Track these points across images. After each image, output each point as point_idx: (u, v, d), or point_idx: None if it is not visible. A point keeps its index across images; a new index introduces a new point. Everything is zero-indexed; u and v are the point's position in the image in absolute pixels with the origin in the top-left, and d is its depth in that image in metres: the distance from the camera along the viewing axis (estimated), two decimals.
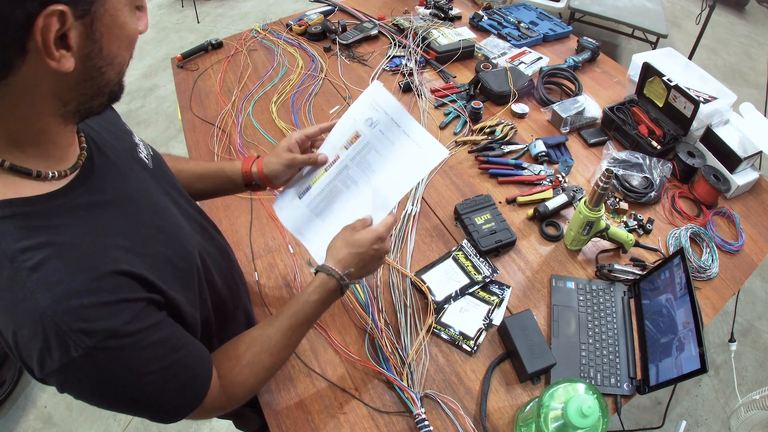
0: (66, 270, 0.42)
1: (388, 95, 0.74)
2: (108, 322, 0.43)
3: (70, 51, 0.39)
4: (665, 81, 1.19)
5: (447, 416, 0.79)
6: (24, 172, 0.43)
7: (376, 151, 0.75)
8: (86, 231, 0.46)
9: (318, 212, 0.79)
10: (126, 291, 0.46)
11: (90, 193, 0.49)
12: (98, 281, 0.44)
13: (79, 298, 0.42)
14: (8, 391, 1.72)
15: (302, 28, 1.68)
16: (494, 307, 0.94)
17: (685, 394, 1.76)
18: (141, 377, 0.48)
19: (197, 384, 0.55)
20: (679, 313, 0.82)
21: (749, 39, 3.74)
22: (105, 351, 0.43)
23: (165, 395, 0.51)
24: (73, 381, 0.45)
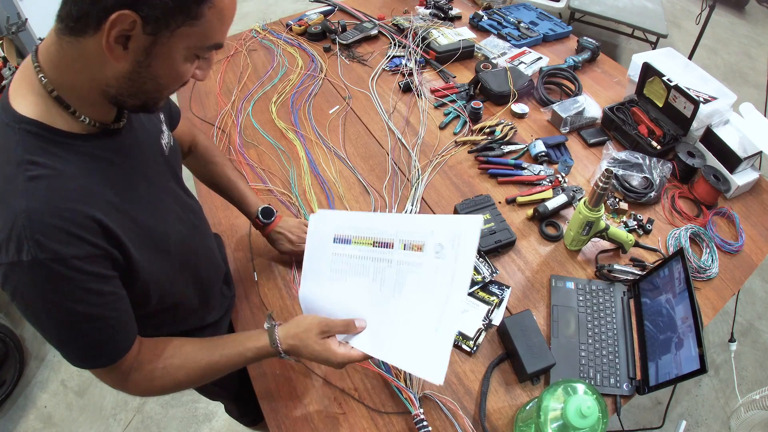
0: (54, 192, 0.50)
1: (473, 247, 0.61)
2: (62, 248, 0.49)
3: (126, 51, 0.48)
4: (665, 81, 1.19)
5: (446, 417, 0.79)
6: (65, 105, 0.52)
7: (416, 286, 0.65)
8: (86, 174, 0.54)
9: (334, 270, 0.73)
10: (90, 233, 0.52)
11: (105, 150, 0.57)
12: (72, 213, 0.50)
13: (51, 217, 0.49)
14: (8, 391, 1.72)
15: (302, 28, 1.68)
16: (494, 307, 0.93)
17: (685, 394, 1.76)
18: (68, 312, 0.53)
19: (111, 348, 0.59)
20: (679, 313, 0.82)
21: (749, 39, 3.73)
22: (47, 269, 0.49)
23: (79, 340, 0.56)
24: (12, 281, 0.50)
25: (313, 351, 0.67)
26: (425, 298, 0.64)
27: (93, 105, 0.54)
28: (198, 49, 0.53)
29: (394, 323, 0.66)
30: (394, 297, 0.67)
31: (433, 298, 0.63)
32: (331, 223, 0.74)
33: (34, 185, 0.49)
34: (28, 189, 0.49)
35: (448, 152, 1.26)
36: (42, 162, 0.50)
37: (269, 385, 0.84)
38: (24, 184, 0.49)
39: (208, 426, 1.68)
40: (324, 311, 0.72)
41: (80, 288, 0.52)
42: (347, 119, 1.37)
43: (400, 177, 1.20)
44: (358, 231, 0.71)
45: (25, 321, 2.01)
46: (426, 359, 0.62)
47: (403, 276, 0.66)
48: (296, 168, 1.22)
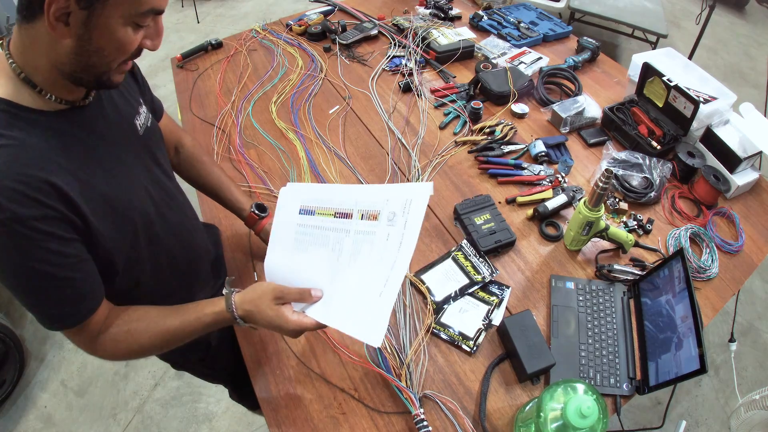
0: (14, 160, 0.53)
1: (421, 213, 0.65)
2: (19, 209, 0.52)
3: (68, 27, 0.52)
4: (665, 81, 1.19)
5: (446, 417, 0.79)
6: (32, 84, 0.57)
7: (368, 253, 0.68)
8: (47, 145, 0.57)
9: (298, 241, 0.75)
10: (46, 196, 0.55)
11: (68, 125, 0.61)
12: (30, 177, 0.53)
13: (10, 181, 0.52)
14: (8, 391, 1.72)
15: (302, 28, 1.68)
16: (494, 307, 0.93)
17: (685, 394, 1.76)
18: (31, 273, 0.56)
19: (78, 309, 0.62)
20: (679, 313, 0.82)
21: (749, 39, 3.74)
22: (7, 229, 0.52)
23: (47, 301, 0.60)
24: None
25: (267, 316, 0.68)
26: (375, 265, 0.67)
27: (57, 84, 0.58)
28: (135, 16, 0.54)
29: (346, 290, 0.69)
30: (348, 266, 0.69)
31: (382, 264, 0.66)
32: (298, 196, 0.77)
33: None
34: None
35: (448, 152, 1.26)
36: (6, 134, 0.54)
37: (269, 385, 0.84)
38: None
39: (208, 426, 1.68)
40: (285, 281, 0.72)
41: (41, 248, 0.55)
42: (347, 119, 1.37)
43: (400, 177, 1.19)
44: (322, 203, 0.74)
45: (26, 321, 2.03)
46: (366, 323, 0.65)
47: (359, 246, 0.69)
48: (296, 168, 1.22)
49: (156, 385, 1.78)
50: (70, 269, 0.59)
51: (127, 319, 0.69)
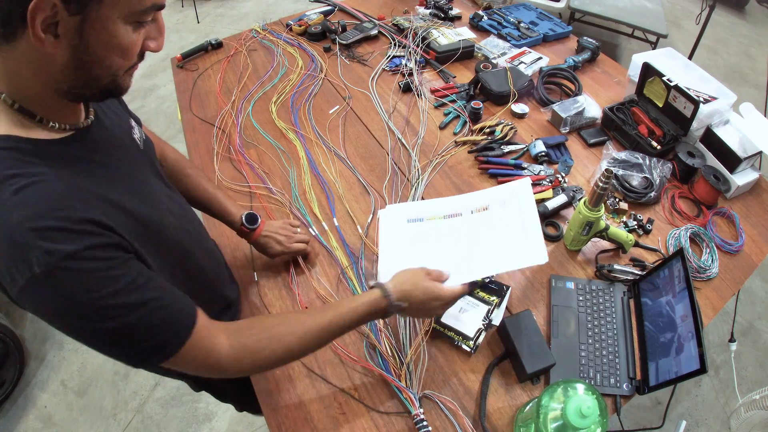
0: (43, 197, 0.47)
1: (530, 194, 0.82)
2: (69, 245, 0.46)
3: (57, 38, 0.45)
4: (665, 81, 1.19)
5: (446, 417, 0.79)
6: (30, 114, 0.50)
7: (491, 227, 0.81)
8: (71, 175, 0.51)
9: (413, 243, 0.83)
10: (90, 226, 0.49)
11: (83, 150, 0.55)
12: (69, 211, 0.48)
13: (48, 220, 0.46)
14: (8, 391, 1.72)
15: (302, 28, 1.68)
16: (494, 307, 0.93)
17: (685, 394, 1.76)
18: (104, 307, 0.49)
19: (172, 330, 0.55)
20: (679, 313, 0.82)
21: (749, 39, 3.73)
22: (65, 271, 0.46)
23: (133, 335, 0.52)
24: (37, 299, 0.47)
25: (424, 289, 0.71)
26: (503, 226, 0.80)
27: (55, 108, 0.52)
28: (135, 14, 0.48)
29: (482, 251, 0.79)
30: (474, 242, 0.80)
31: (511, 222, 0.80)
32: (400, 213, 0.87)
33: (20, 196, 0.46)
34: (17, 201, 0.46)
35: (448, 152, 1.26)
36: (23, 173, 0.47)
37: (269, 385, 0.84)
38: (11, 198, 0.46)
39: (208, 426, 1.68)
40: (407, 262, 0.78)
41: (106, 277, 0.49)
42: (347, 119, 1.37)
43: (400, 177, 1.20)
44: (427, 212, 0.86)
45: (26, 321, 2.02)
46: (527, 250, 0.76)
47: (477, 227, 0.82)
48: (296, 168, 1.22)
49: (156, 385, 1.78)
50: (143, 291, 0.52)
51: (262, 328, 0.65)
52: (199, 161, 1.24)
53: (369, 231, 1.07)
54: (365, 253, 1.02)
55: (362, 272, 0.99)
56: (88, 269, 0.48)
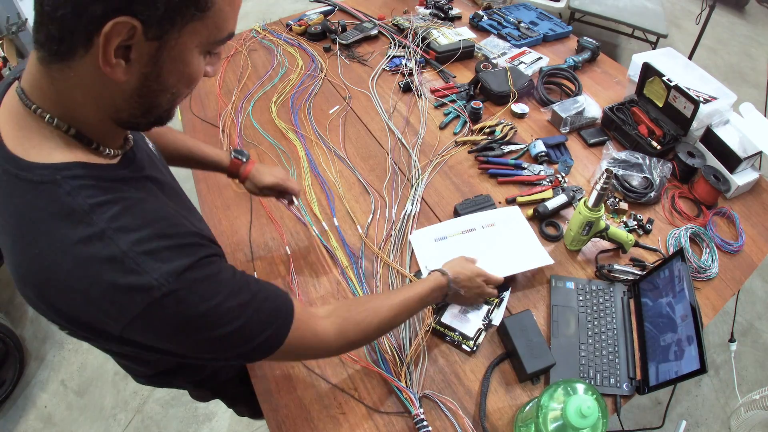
0: (142, 219, 0.45)
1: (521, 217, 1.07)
2: (186, 260, 0.46)
3: (128, 63, 0.41)
4: (665, 81, 1.19)
5: (446, 417, 0.79)
6: (86, 142, 0.46)
7: (501, 237, 1.03)
8: (147, 195, 0.49)
9: (443, 256, 0.96)
10: (196, 237, 0.49)
11: (135, 171, 0.52)
12: (173, 227, 0.47)
13: (159, 239, 0.45)
14: (8, 391, 1.72)
15: (302, 28, 1.68)
16: (494, 307, 0.93)
17: (685, 394, 1.76)
18: (224, 312, 0.49)
19: (281, 314, 0.56)
20: (679, 313, 0.82)
21: (749, 39, 3.73)
22: (185, 289, 0.45)
23: (252, 329, 0.52)
24: (155, 323, 0.45)
25: (472, 270, 0.85)
26: (511, 237, 1.03)
27: (108, 134, 0.49)
28: (211, 44, 0.46)
29: (499, 258, 0.97)
30: (491, 250, 1.00)
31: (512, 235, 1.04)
32: (427, 235, 1.04)
33: (118, 222, 0.43)
34: (116, 228, 0.43)
35: (448, 152, 1.26)
36: (110, 199, 0.44)
37: (269, 385, 0.84)
38: (108, 226, 0.43)
39: (208, 426, 1.68)
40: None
41: (219, 282, 0.49)
42: (347, 119, 1.37)
43: (400, 177, 1.20)
44: (449, 231, 1.04)
45: (26, 321, 2.02)
46: (533, 256, 0.99)
47: (490, 238, 1.03)
48: (296, 168, 1.22)
49: None
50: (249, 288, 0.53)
51: (355, 303, 0.72)
52: None
53: (369, 231, 1.07)
54: (365, 253, 1.02)
55: (362, 272, 0.99)
56: (204, 279, 0.47)
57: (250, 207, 1.13)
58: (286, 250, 1.04)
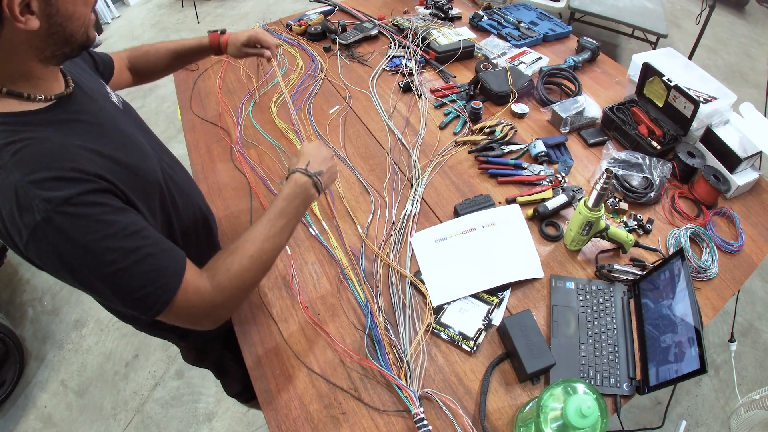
0: (38, 155, 0.53)
1: (520, 216, 1.07)
2: (65, 191, 0.52)
3: (33, 15, 0.52)
4: (665, 81, 1.19)
5: (446, 416, 0.79)
6: (17, 94, 0.57)
7: (501, 239, 1.03)
8: (60, 135, 0.57)
9: (444, 255, 1.00)
10: (84, 174, 0.54)
11: (67, 113, 0.61)
12: (61, 163, 0.54)
13: (44, 172, 0.52)
14: (8, 391, 1.72)
15: (302, 28, 1.68)
16: (494, 307, 0.93)
17: (685, 394, 1.76)
18: (102, 251, 0.54)
19: (167, 273, 0.60)
20: (679, 313, 0.82)
21: (749, 39, 3.73)
22: (63, 216, 0.52)
23: (132, 279, 0.57)
24: (41, 247, 0.53)
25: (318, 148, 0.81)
26: (509, 240, 1.03)
27: (40, 80, 0.59)
28: None
29: (496, 261, 0.99)
30: (490, 252, 1.00)
31: (514, 238, 1.03)
32: (428, 237, 1.04)
33: (18, 157, 0.52)
34: (15, 162, 0.52)
35: (448, 152, 1.26)
36: (17, 139, 0.53)
37: (269, 385, 0.84)
38: (10, 160, 0.52)
39: (208, 426, 1.68)
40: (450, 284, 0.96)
41: (101, 221, 0.54)
42: (347, 119, 1.37)
43: (400, 177, 1.20)
44: (449, 232, 1.04)
45: (26, 321, 2.02)
46: (528, 266, 0.99)
47: (490, 238, 1.02)
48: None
49: (156, 385, 1.78)
50: (135, 238, 0.57)
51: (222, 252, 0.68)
52: (199, 161, 1.24)
53: (369, 231, 1.07)
54: (365, 253, 1.02)
55: (362, 272, 0.99)
56: (83, 214, 0.53)
57: (250, 207, 1.13)
58: (286, 250, 1.04)
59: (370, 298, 0.94)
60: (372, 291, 0.96)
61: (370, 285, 0.97)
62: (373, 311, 0.92)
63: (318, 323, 0.91)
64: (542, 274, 0.99)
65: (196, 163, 1.24)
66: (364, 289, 0.95)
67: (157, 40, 1.12)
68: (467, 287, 0.95)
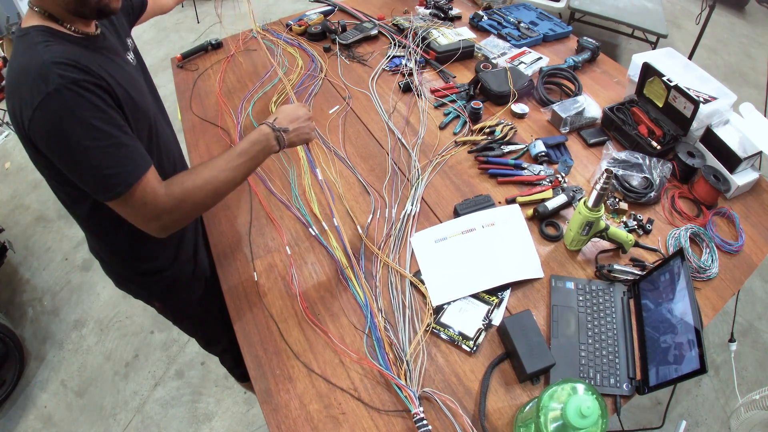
0: (64, 51, 0.69)
1: (520, 216, 1.07)
2: (75, 75, 0.67)
3: None
4: (665, 81, 1.19)
5: (446, 416, 0.79)
6: (54, 18, 0.73)
7: (500, 239, 1.02)
8: (83, 51, 0.73)
9: (444, 256, 1.01)
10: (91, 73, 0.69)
11: (91, 46, 0.77)
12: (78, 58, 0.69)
13: (64, 59, 0.67)
14: (8, 391, 1.72)
15: (302, 28, 1.68)
16: (493, 307, 0.93)
17: (685, 394, 1.76)
18: (90, 128, 0.67)
19: (135, 164, 0.72)
20: (679, 313, 0.82)
21: (749, 39, 3.73)
22: (69, 91, 0.66)
23: (106, 158, 0.69)
24: (47, 113, 0.65)
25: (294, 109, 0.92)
26: (509, 240, 1.03)
27: (72, 21, 0.74)
28: None
29: (496, 261, 0.99)
30: (490, 252, 1.00)
31: (514, 238, 1.03)
32: (428, 237, 1.04)
33: (48, 48, 0.69)
34: (45, 50, 0.68)
35: (448, 152, 1.26)
36: (51, 41, 0.70)
37: (269, 385, 0.84)
38: (43, 48, 0.68)
39: (208, 426, 1.68)
40: (451, 284, 0.96)
41: (96, 107, 0.68)
42: (347, 119, 1.37)
43: (400, 177, 1.20)
44: (449, 232, 1.04)
45: (26, 321, 2.02)
46: (527, 266, 0.99)
47: (489, 238, 1.03)
48: (296, 168, 1.22)
49: (156, 385, 1.78)
50: (119, 130, 0.71)
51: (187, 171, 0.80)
52: (198, 161, 1.24)
53: (369, 231, 1.07)
54: (365, 253, 1.02)
55: (362, 272, 0.99)
56: (84, 95, 0.67)
57: (250, 207, 1.13)
58: (286, 250, 1.04)
59: (369, 298, 0.94)
60: (372, 291, 0.96)
61: (370, 285, 0.97)
62: (373, 311, 0.92)
63: (318, 323, 0.91)
64: (542, 274, 0.99)
65: (195, 162, 1.24)
66: (364, 290, 0.95)
67: (156, 40, 1.12)
68: (467, 287, 0.95)
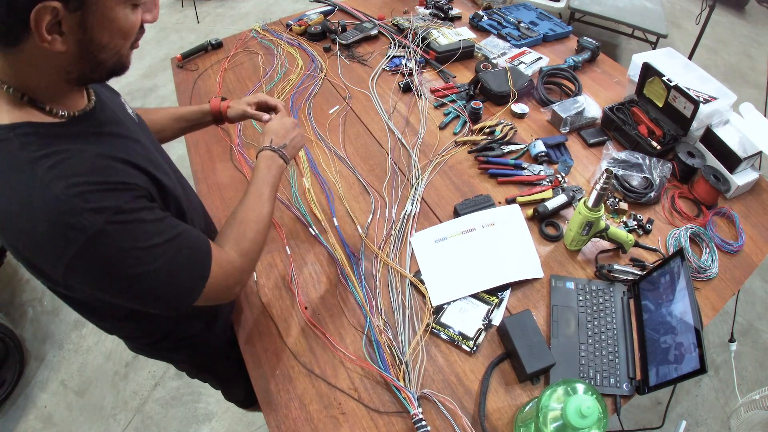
0: (77, 166, 0.52)
1: (520, 216, 1.07)
2: (113, 201, 0.52)
3: (64, 36, 0.49)
4: (665, 81, 1.19)
5: (445, 417, 0.79)
6: (39, 106, 0.54)
7: (501, 239, 1.02)
8: (94, 147, 0.56)
9: (444, 255, 1.00)
10: (123, 182, 0.55)
11: (93, 126, 0.60)
12: (103, 174, 0.53)
13: (86, 185, 0.51)
14: (8, 391, 1.72)
15: (302, 28, 1.68)
16: (493, 307, 0.93)
17: (685, 394, 1.76)
18: (151, 250, 0.56)
19: (201, 254, 0.64)
20: (679, 313, 0.82)
21: (749, 39, 3.73)
22: (115, 226, 0.52)
23: (177, 269, 0.60)
24: (91, 261, 0.52)
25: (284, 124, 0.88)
26: (509, 240, 1.02)
27: (63, 97, 0.56)
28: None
29: (496, 261, 0.99)
30: (490, 252, 1.00)
31: (513, 238, 1.03)
32: (428, 237, 1.04)
33: (55, 171, 0.50)
34: (53, 176, 0.50)
35: (448, 152, 1.26)
36: (52, 152, 0.51)
37: (269, 385, 0.84)
38: (46, 175, 0.49)
39: (208, 426, 1.68)
40: (452, 286, 0.96)
41: (146, 222, 0.56)
42: (347, 119, 1.37)
43: (400, 177, 1.20)
44: (449, 232, 1.04)
45: (26, 321, 2.02)
46: (527, 266, 0.99)
47: (489, 238, 1.02)
48: (296, 168, 1.22)
49: (156, 385, 1.78)
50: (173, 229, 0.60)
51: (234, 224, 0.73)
52: (198, 161, 1.24)
53: (369, 231, 1.07)
54: (365, 253, 1.02)
55: (362, 272, 0.99)
56: (133, 220, 0.54)
57: None
58: (286, 250, 1.04)
59: (369, 299, 0.94)
60: (372, 291, 0.96)
61: (370, 285, 0.97)
62: (372, 314, 0.92)
63: (317, 325, 0.91)
64: (542, 274, 0.99)
65: (195, 163, 1.24)
66: (364, 290, 0.95)
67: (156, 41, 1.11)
68: (467, 287, 0.95)
